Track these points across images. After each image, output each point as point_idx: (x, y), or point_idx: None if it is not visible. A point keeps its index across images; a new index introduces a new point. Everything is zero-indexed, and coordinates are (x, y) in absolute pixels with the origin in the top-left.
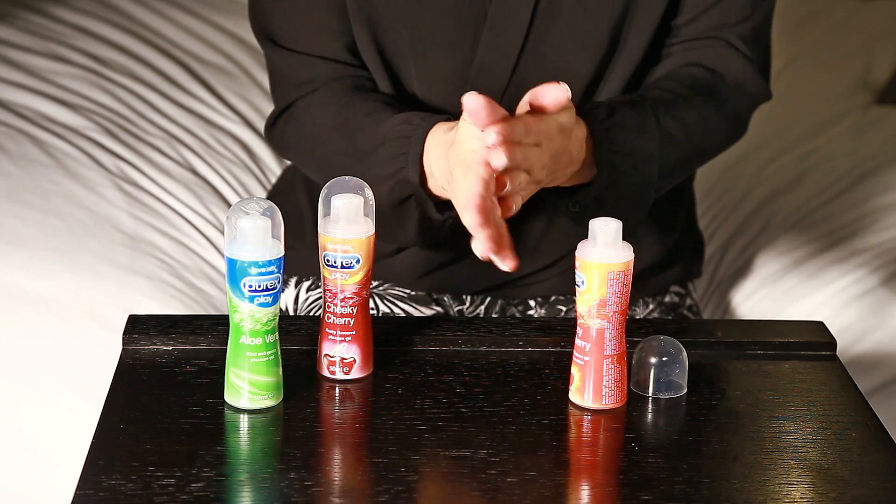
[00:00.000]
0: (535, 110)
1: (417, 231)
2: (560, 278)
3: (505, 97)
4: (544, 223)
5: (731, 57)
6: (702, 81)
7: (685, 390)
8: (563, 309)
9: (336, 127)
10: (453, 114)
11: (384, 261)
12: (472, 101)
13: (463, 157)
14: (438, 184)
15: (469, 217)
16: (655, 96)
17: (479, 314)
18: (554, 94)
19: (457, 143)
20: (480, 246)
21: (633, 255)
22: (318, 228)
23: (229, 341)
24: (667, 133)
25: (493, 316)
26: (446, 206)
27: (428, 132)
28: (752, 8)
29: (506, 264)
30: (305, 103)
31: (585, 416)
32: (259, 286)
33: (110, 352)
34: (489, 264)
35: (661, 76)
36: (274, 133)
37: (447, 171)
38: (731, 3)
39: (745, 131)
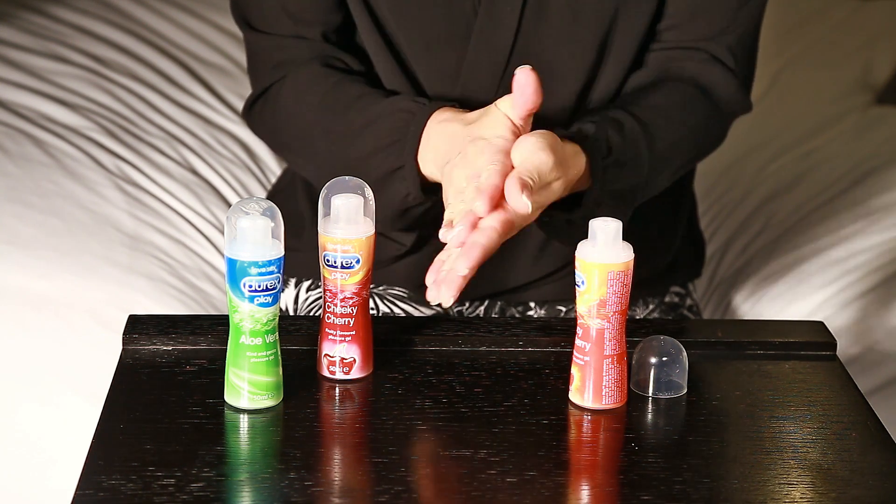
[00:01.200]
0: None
1: (400, 202)
2: (560, 283)
3: (497, 98)
4: (541, 239)
5: (717, 72)
6: (692, 98)
7: (685, 390)
8: (563, 309)
9: (323, 106)
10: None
11: (384, 269)
12: (525, 75)
13: (488, 139)
14: (429, 162)
15: (479, 204)
16: (649, 120)
17: (478, 315)
18: (519, 208)
19: (483, 123)
20: (458, 235)
21: (633, 255)
22: (318, 228)
23: (229, 341)
24: (656, 161)
25: (493, 316)
26: (433, 186)
27: (434, 111)
28: (735, 13)
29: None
30: (286, 84)
31: (585, 416)
32: (259, 286)
33: (110, 352)
34: (489, 272)
35: (648, 87)
36: (252, 116)
37: (451, 149)
38: (716, 11)
39: (723, 142)
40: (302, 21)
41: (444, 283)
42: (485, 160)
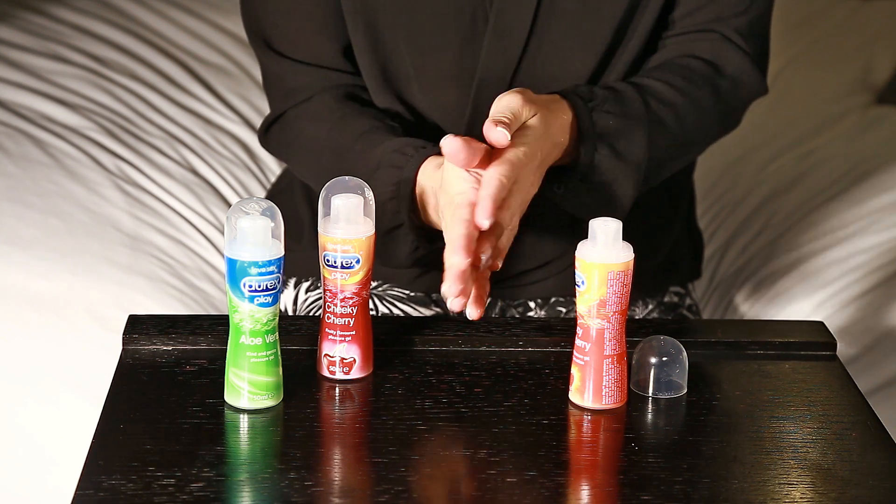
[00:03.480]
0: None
1: (408, 256)
2: (558, 278)
3: None
4: (541, 223)
5: (728, 49)
6: (698, 72)
7: (685, 390)
8: (563, 310)
9: (327, 146)
10: (449, 125)
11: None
12: (449, 145)
13: (451, 199)
14: (431, 216)
15: (454, 259)
16: (646, 83)
17: None
18: (495, 139)
19: (444, 185)
20: (449, 288)
21: (633, 254)
22: (318, 228)
23: (229, 341)
24: (656, 118)
25: (493, 316)
26: (438, 233)
27: (419, 166)
28: (748, 0)
29: (469, 312)
30: (297, 114)
31: (585, 416)
32: (259, 286)
33: (110, 352)
34: None
35: (656, 65)
36: (268, 140)
37: (438, 207)
38: (725, 2)
39: (739, 124)
40: (323, 35)
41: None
42: (452, 225)
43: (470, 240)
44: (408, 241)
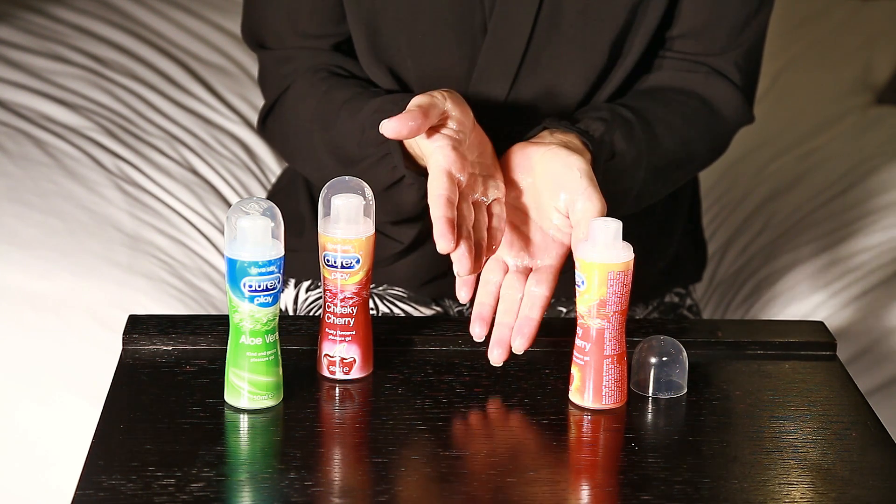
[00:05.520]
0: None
1: (417, 204)
2: (560, 279)
3: (505, 105)
4: None
5: (722, 86)
6: (694, 115)
7: (685, 390)
8: (564, 310)
9: (316, 121)
10: None
11: (385, 268)
12: (389, 129)
13: (428, 162)
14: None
15: (438, 244)
16: (656, 130)
17: None
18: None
19: (420, 146)
20: (442, 243)
21: (633, 254)
22: (318, 228)
23: (229, 341)
24: (652, 173)
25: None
26: None
27: None
28: (743, 27)
29: (462, 266)
30: (286, 99)
31: (585, 416)
32: (259, 286)
33: (110, 352)
34: None
35: (657, 94)
36: (265, 131)
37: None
38: (725, 25)
39: (723, 154)
40: (312, 36)
41: (518, 334)
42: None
43: (449, 222)
44: (413, 191)
